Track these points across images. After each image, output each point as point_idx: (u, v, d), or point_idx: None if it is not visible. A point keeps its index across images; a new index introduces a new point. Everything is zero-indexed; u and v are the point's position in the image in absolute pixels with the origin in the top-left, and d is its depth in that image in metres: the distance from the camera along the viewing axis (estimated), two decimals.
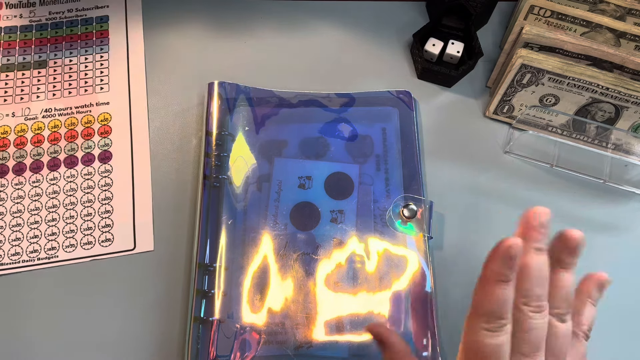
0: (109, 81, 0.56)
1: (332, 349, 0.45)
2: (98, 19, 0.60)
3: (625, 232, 0.51)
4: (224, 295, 0.46)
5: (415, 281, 0.48)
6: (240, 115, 0.53)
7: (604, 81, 0.49)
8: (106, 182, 0.52)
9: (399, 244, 0.49)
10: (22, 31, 0.59)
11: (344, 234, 0.49)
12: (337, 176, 0.52)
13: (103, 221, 0.50)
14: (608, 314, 0.48)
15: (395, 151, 0.53)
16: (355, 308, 0.46)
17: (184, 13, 0.60)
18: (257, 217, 0.49)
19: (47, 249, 0.49)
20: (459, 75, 0.56)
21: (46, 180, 0.52)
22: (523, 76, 0.51)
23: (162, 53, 0.58)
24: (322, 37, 0.59)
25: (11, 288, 0.48)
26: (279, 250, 0.48)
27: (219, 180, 0.50)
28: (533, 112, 0.53)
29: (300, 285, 0.47)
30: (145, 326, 0.46)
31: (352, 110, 0.54)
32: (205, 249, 0.47)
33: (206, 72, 0.57)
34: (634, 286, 0.49)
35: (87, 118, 0.54)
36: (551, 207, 0.52)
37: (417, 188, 0.51)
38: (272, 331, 0.45)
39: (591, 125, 0.52)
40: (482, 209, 0.52)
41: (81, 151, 0.53)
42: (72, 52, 0.58)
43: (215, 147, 0.51)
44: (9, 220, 0.50)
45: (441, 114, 0.56)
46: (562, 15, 0.52)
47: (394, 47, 0.59)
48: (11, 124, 0.54)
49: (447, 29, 0.58)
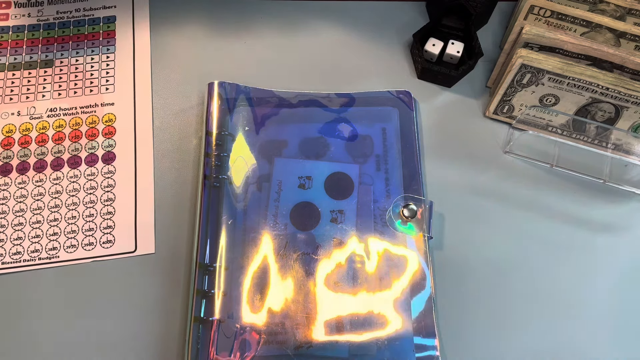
0: (115, 82, 0.57)
1: (332, 349, 0.45)
2: (105, 19, 0.60)
3: (625, 232, 0.51)
4: (224, 295, 0.46)
5: (415, 281, 0.48)
6: (240, 115, 0.53)
7: (604, 81, 0.49)
8: (109, 183, 0.52)
9: (399, 244, 0.49)
10: (30, 30, 0.59)
11: (344, 234, 0.49)
12: (337, 176, 0.52)
13: (105, 222, 0.50)
14: (608, 314, 0.48)
15: (395, 151, 0.53)
16: (355, 308, 0.47)
17: (184, 13, 0.60)
18: (257, 217, 0.49)
19: (49, 249, 0.49)
20: (459, 75, 0.56)
21: (49, 180, 0.52)
22: (523, 76, 0.51)
23: (164, 53, 0.58)
24: (322, 37, 0.60)
25: (12, 287, 0.48)
26: (279, 250, 0.48)
27: (219, 180, 0.50)
28: (533, 112, 0.53)
29: (300, 285, 0.47)
30: (145, 326, 0.47)
31: (352, 110, 0.55)
32: (205, 249, 0.48)
33: (206, 72, 0.57)
34: (634, 286, 0.49)
35: (91, 118, 0.55)
36: (551, 207, 0.52)
37: (417, 188, 0.51)
38: (272, 331, 0.46)
39: (591, 125, 0.52)
40: (482, 209, 0.52)
41: (85, 151, 0.53)
42: (79, 52, 0.58)
43: (215, 147, 0.51)
44: (11, 219, 0.50)
45: (441, 114, 0.56)
46: (562, 15, 0.52)
47: (394, 47, 0.59)
48: (16, 122, 0.54)
49: (447, 29, 0.58)
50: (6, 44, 0.58)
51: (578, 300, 0.49)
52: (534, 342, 0.47)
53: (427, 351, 0.45)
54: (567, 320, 0.48)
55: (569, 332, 0.47)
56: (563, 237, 0.51)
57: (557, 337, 0.47)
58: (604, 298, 0.49)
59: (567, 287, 0.49)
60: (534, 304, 0.48)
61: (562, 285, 0.49)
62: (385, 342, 0.45)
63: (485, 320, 0.48)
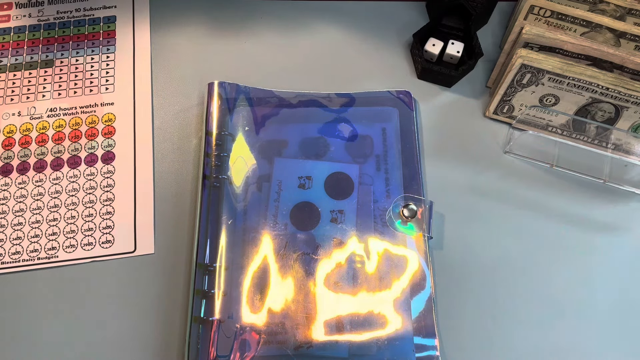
0: (115, 82, 0.57)
1: (332, 349, 0.45)
2: (105, 19, 0.60)
3: (625, 232, 0.51)
4: (224, 295, 0.46)
5: (415, 281, 0.48)
6: (240, 115, 0.53)
7: (604, 81, 0.49)
8: (108, 183, 0.52)
9: (399, 244, 0.49)
10: (31, 30, 0.59)
11: (344, 234, 0.49)
12: (337, 176, 0.52)
13: (104, 222, 0.50)
14: (608, 314, 0.48)
15: (395, 151, 0.53)
16: (355, 308, 0.47)
17: (184, 13, 0.60)
18: (257, 217, 0.49)
19: (48, 248, 0.49)
20: (459, 75, 0.56)
21: (49, 180, 0.52)
22: (523, 76, 0.51)
23: (164, 53, 0.58)
24: (322, 37, 0.60)
25: (11, 287, 0.48)
26: (279, 250, 0.48)
27: (219, 180, 0.50)
28: (533, 112, 0.53)
29: (300, 285, 0.47)
30: (145, 326, 0.47)
31: (352, 110, 0.55)
32: (205, 249, 0.48)
33: (206, 72, 0.57)
34: (634, 286, 0.49)
35: (91, 118, 0.55)
36: (551, 207, 0.52)
37: (417, 188, 0.51)
38: (272, 331, 0.46)
39: (591, 125, 0.52)
40: (482, 209, 0.52)
41: (85, 151, 0.53)
42: (79, 52, 0.58)
43: (215, 147, 0.51)
44: (11, 219, 0.50)
45: (441, 114, 0.56)
46: (562, 15, 0.52)
47: (394, 47, 0.59)
48: (17, 123, 0.54)
49: (447, 29, 0.58)
50: (8, 45, 0.58)
51: (578, 300, 0.49)
52: (534, 341, 0.47)
53: (427, 351, 0.45)
54: (567, 320, 0.48)
55: (569, 332, 0.47)
56: (563, 237, 0.51)
57: (557, 336, 0.47)
58: (603, 298, 0.49)
59: (567, 287, 0.49)
60: (533, 303, 0.48)
61: (562, 285, 0.49)
62: (385, 342, 0.45)
63: (485, 320, 0.48)
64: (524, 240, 0.51)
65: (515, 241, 0.51)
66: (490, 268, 0.49)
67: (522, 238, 0.51)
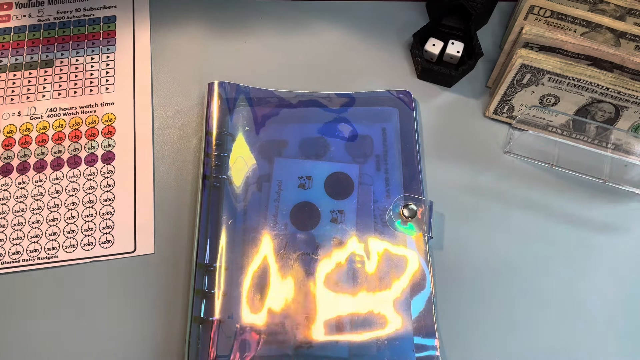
0: (115, 82, 0.57)
1: (332, 349, 0.45)
2: (105, 19, 0.60)
3: (625, 232, 0.51)
4: (224, 295, 0.46)
5: (415, 281, 0.48)
6: (240, 115, 0.53)
7: (604, 81, 0.49)
8: (108, 183, 0.52)
9: (399, 244, 0.49)
10: (31, 30, 0.59)
11: (344, 234, 0.49)
12: (337, 176, 0.52)
13: (104, 222, 0.50)
14: (608, 314, 0.48)
15: (395, 151, 0.53)
16: (355, 308, 0.47)
17: (184, 13, 0.60)
18: (257, 217, 0.49)
19: (48, 248, 0.49)
20: (459, 75, 0.56)
21: (49, 180, 0.52)
22: (523, 76, 0.51)
23: (164, 53, 0.58)
24: (322, 37, 0.60)
25: (11, 287, 0.48)
26: (279, 250, 0.48)
27: (219, 180, 0.50)
28: (533, 112, 0.53)
29: (300, 285, 0.47)
30: (145, 326, 0.47)
31: (352, 110, 0.55)
32: (205, 249, 0.48)
33: (206, 72, 0.57)
34: (634, 286, 0.49)
35: (91, 118, 0.55)
36: (551, 207, 0.52)
37: (417, 188, 0.51)
38: (272, 331, 0.45)
39: (591, 125, 0.52)
40: (482, 209, 0.52)
41: (85, 151, 0.53)
42: (79, 52, 0.58)
43: (215, 147, 0.51)
44: (11, 219, 0.50)
45: (441, 114, 0.56)
46: (562, 15, 0.52)
47: (394, 47, 0.59)
48: (17, 123, 0.54)
49: (447, 29, 0.58)
50: (8, 45, 0.58)
51: (578, 300, 0.49)
52: (534, 341, 0.47)
53: (427, 351, 0.45)
54: (567, 319, 0.48)
55: (569, 332, 0.47)
56: (563, 237, 0.51)
57: (557, 336, 0.47)
58: (603, 298, 0.49)
59: (567, 286, 0.49)
60: (533, 303, 0.48)
61: (561, 285, 0.49)
62: (385, 342, 0.45)
63: (485, 320, 0.48)
64: (524, 240, 0.51)
65: (515, 241, 0.51)
66: (490, 268, 0.49)
67: (522, 238, 0.51)
